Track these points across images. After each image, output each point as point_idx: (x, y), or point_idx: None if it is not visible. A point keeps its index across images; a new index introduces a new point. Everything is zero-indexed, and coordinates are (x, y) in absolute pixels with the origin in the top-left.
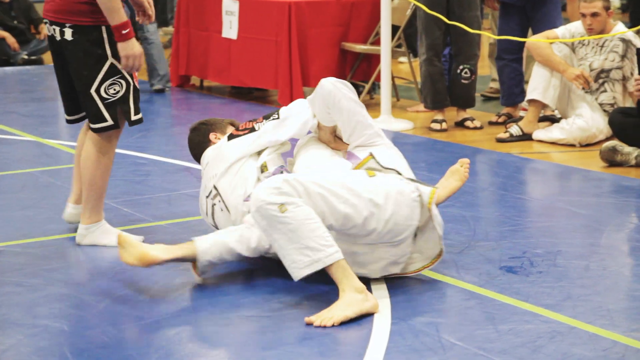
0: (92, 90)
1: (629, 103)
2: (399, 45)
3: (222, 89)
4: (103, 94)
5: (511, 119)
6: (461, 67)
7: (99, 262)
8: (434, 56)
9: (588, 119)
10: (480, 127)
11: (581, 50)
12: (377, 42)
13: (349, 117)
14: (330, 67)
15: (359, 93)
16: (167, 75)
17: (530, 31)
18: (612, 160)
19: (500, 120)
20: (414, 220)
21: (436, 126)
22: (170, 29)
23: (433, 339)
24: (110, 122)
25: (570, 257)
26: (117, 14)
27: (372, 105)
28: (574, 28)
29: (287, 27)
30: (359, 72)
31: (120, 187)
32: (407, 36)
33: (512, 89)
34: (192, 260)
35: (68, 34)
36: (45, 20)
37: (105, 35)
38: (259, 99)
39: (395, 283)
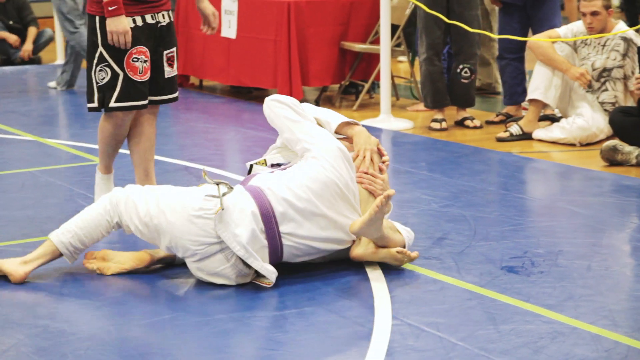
0: (92, 73)
1: (630, 102)
2: (398, 45)
3: (221, 89)
4: (96, 78)
5: (510, 118)
6: (461, 66)
7: None
8: (434, 55)
9: (588, 119)
10: (480, 127)
11: (583, 49)
12: (376, 42)
13: (282, 135)
14: (329, 66)
15: (359, 92)
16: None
17: (530, 31)
18: (612, 159)
19: (497, 119)
20: (201, 237)
21: (436, 125)
22: None
23: (434, 339)
24: (95, 104)
25: (572, 257)
26: None
27: (371, 104)
28: (576, 27)
29: (286, 27)
30: (359, 71)
31: (120, 186)
32: (407, 35)
33: (515, 88)
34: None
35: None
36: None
37: (98, 25)
38: (258, 98)
39: (396, 283)
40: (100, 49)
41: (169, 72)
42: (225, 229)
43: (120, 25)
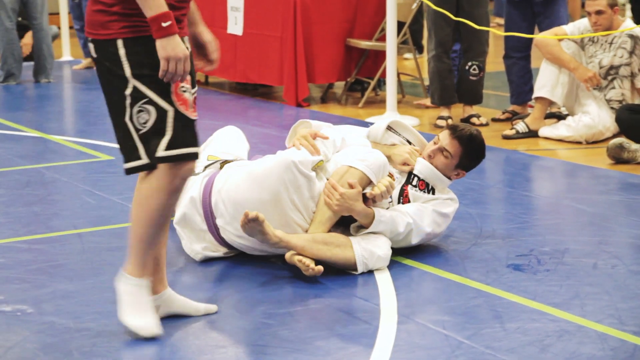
0: (127, 119)
1: (638, 100)
2: (404, 42)
3: (227, 85)
4: (136, 124)
5: (516, 115)
6: (470, 63)
7: (105, 258)
8: (442, 53)
9: (595, 117)
10: (486, 124)
11: (590, 47)
12: (382, 39)
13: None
14: (335, 63)
15: (364, 90)
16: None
17: (537, 29)
18: (619, 157)
19: (503, 117)
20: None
21: (442, 123)
22: None
23: (440, 337)
24: (144, 159)
25: (578, 255)
26: (152, 2)
27: (377, 101)
28: (583, 25)
29: (292, 24)
30: (364, 68)
31: (125, 184)
32: (413, 32)
33: (522, 87)
34: None
35: (92, 51)
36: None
37: (122, 51)
38: (264, 95)
39: (402, 281)
40: (133, 82)
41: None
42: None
43: (179, 48)
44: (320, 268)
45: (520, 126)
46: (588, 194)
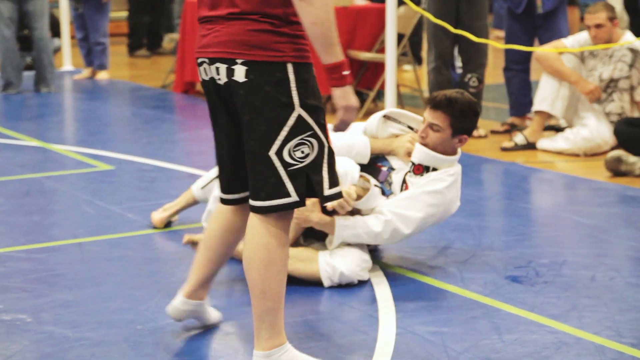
0: (272, 153)
1: (637, 113)
2: (404, 53)
3: None
4: (287, 158)
5: (515, 128)
6: (469, 75)
7: (104, 268)
8: (442, 65)
9: (593, 130)
10: (485, 136)
11: (591, 61)
12: (382, 50)
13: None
14: None
15: (364, 101)
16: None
17: (537, 42)
18: (617, 170)
19: (502, 129)
20: None
21: None
22: (176, 35)
23: (438, 348)
24: (294, 197)
25: (576, 267)
26: (336, 48)
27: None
28: (583, 39)
29: None
30: (364, 79)
31: (125, 193)
32: (412, 44)
33: (521, 99)
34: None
35: (239, 74)
36: (200, 61)
37: (292, 76)
38: None
39: (401, 292)
40: (299, 111)
41: None
42: None
43: (354, 97)
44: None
45: (519, 138)
46: (586, 207)
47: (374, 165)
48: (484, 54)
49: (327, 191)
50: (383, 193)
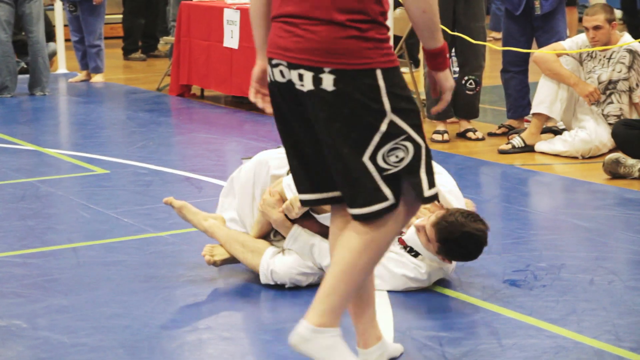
0: (366, 158)
1: (635, 115)
2: (401, 56)
3: (223, 99)
4: (381, 163)
5: (513, 130)
6: (466, 77)
7: (100, 273)
8: None
9: (591, 132)
10: (482, 139)
11: (589, 63)
12: None
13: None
14: None
15: None
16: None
17: (535, 44)
18: (615, 172)
19: (499, 132)
20: None
21: (438, 137)
22: (171, 38)
23: (436, 353)
24: (391, 200)
25: (575, 271)
26: (440, 34)
27: None
28: (581, 40)
29: None
30: None
31: (120, 197)
32: (409, 46)
33: (519, 101)
34: None
35: (328, 82)
36: (275, 62)
37: (381, 82)
38: (259, 109)
39: (398, 297)
40: (391, 117)
41: None
42: None
43: (453, 80)
44: (216, 260)
45: (517, 141)
46: (585, 209)
47: None
48: (481, 56)
49: (427, 192)
50: None
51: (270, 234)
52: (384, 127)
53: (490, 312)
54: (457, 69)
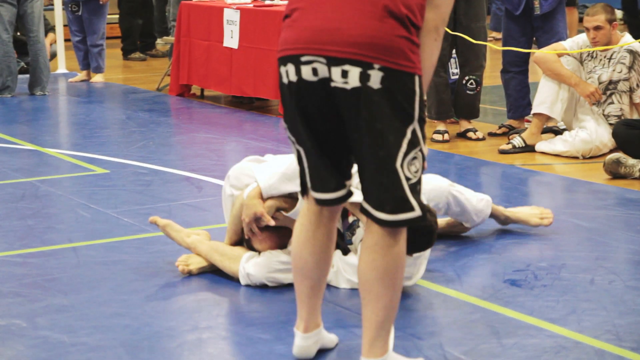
0: (398, 165)
1: (636, 115)
2: None
3: (222, 99)
4: (407, 172)
5: (513, 130)
6: (467, 78)
7: (100, 272)
8: (439, 67)
9: (592, 132)
10: (483, 139)
11: (590, 63)
12: None
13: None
14: None
15: None
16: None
17: (535, 45)
18: (615, 172)
19: (500, 132)
20: None
21: (438, 137)
22: (171, 38)
23: (437, 352)
24: (417, 211)
25: (575, 271)
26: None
27: None
28: (582, 40)
29: None
30: None
31: (120, 197)
32: None
33: (519, 101)
34: None
35: (375, 80)
36: (308, 59)
37: (417, 89)
38: (259, 108)
39: None
40: (415, 125)
41: None
42: None
43: None
44: (191, 269)
45: (517, 141)
46: (585, 209)
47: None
48: (482, 56)
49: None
50: (342, 239)
51: (243, 243)
52: (409, 134)
53: (490, 312)
54: (456, 70)
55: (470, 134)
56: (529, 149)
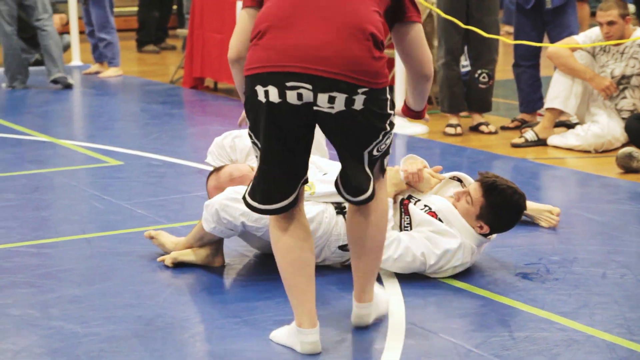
0: (365, 151)
1: None
2: None
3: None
4: (375, 153)
5: (526, 124)
6: (479, 71)
7: (113, 263)
8: (452, 60)
9: (604, 126)
10: (495, 132)
11: (602, 57)
12: (391, 46)
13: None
14: None
15: None
16: (62, 61)
17: (547, 39)
18: (628, 166)
19: (512, 125)
20: None
21: (451, 130)
22: (185, 30)
23: (448, 345)
24: (370, 176)
25: (587, 265)
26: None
27: None
28: (595, 35)
29: None
30: None
31: (134, 189)
32: None
33: (531, 95)
34: None
35: (359, 103)
36: (293, 85)
37: (388, 95)
38: None
39: (410, 288)
40: (390, 117)
41: None
42: None
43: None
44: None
45: (529, 135)
46: (597, 203)
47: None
48: (494, 49)
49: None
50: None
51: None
52: (388, 127)
53: (502, 305)
54: (466, 62)
55: (483, 128)
56: (541, 142)
